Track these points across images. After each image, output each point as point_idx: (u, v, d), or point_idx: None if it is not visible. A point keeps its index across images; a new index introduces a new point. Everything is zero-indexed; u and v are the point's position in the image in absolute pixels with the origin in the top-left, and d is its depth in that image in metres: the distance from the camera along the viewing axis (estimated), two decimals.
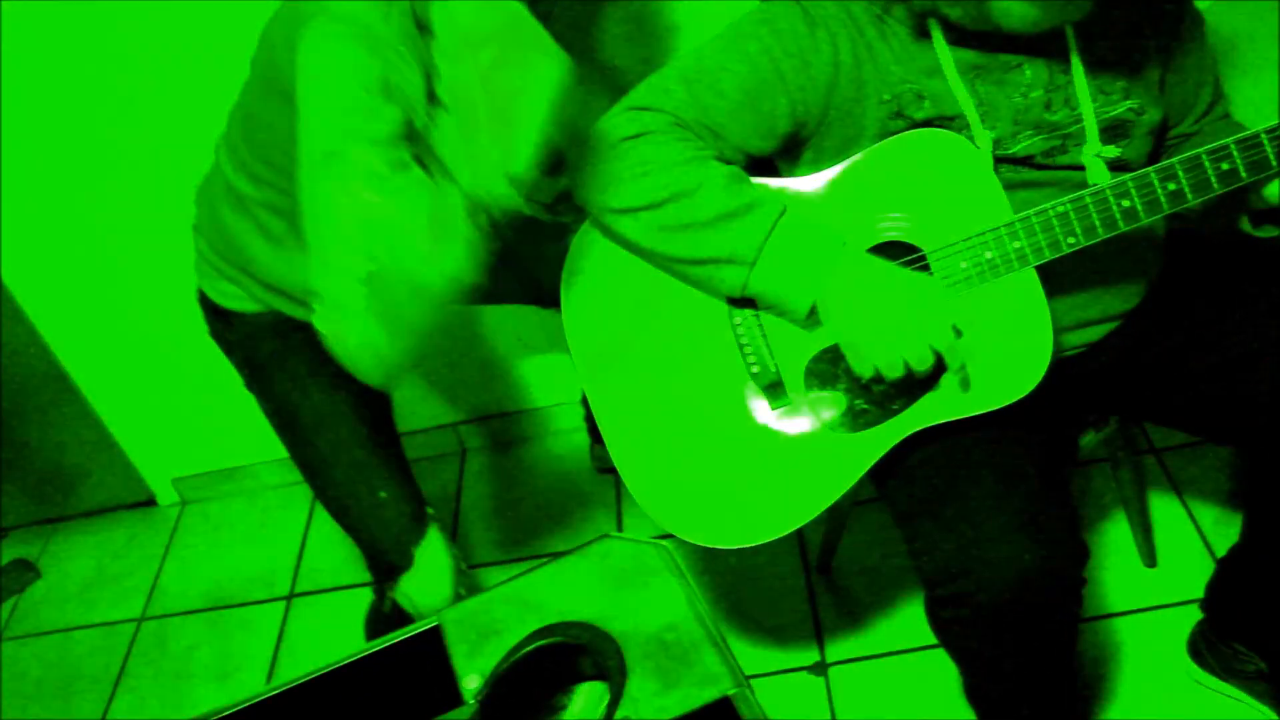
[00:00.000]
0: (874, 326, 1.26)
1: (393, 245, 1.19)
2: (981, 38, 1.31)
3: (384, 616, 1.69)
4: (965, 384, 1.32)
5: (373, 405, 1.63)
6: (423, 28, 1.32)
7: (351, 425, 1.58)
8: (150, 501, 2.70)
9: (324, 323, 1.21)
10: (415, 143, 1.27)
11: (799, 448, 1.38)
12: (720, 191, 1.31)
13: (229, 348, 1.66)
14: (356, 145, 1.19)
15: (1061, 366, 1.43)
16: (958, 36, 1.31)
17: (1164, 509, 2.01)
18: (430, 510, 1.61)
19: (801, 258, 1.29)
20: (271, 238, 1.50)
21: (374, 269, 1.18)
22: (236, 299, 1.60)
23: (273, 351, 1.60)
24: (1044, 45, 1.32)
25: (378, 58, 1.23)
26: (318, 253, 1.21)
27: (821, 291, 1.29)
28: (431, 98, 1.30)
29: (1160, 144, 1.45)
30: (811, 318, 1.32)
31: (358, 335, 1.20)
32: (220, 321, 1.64)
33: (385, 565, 1.60)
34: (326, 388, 1.58)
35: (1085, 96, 1.33)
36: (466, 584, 1.63)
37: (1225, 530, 1.92)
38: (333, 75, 1.23)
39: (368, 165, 1.19)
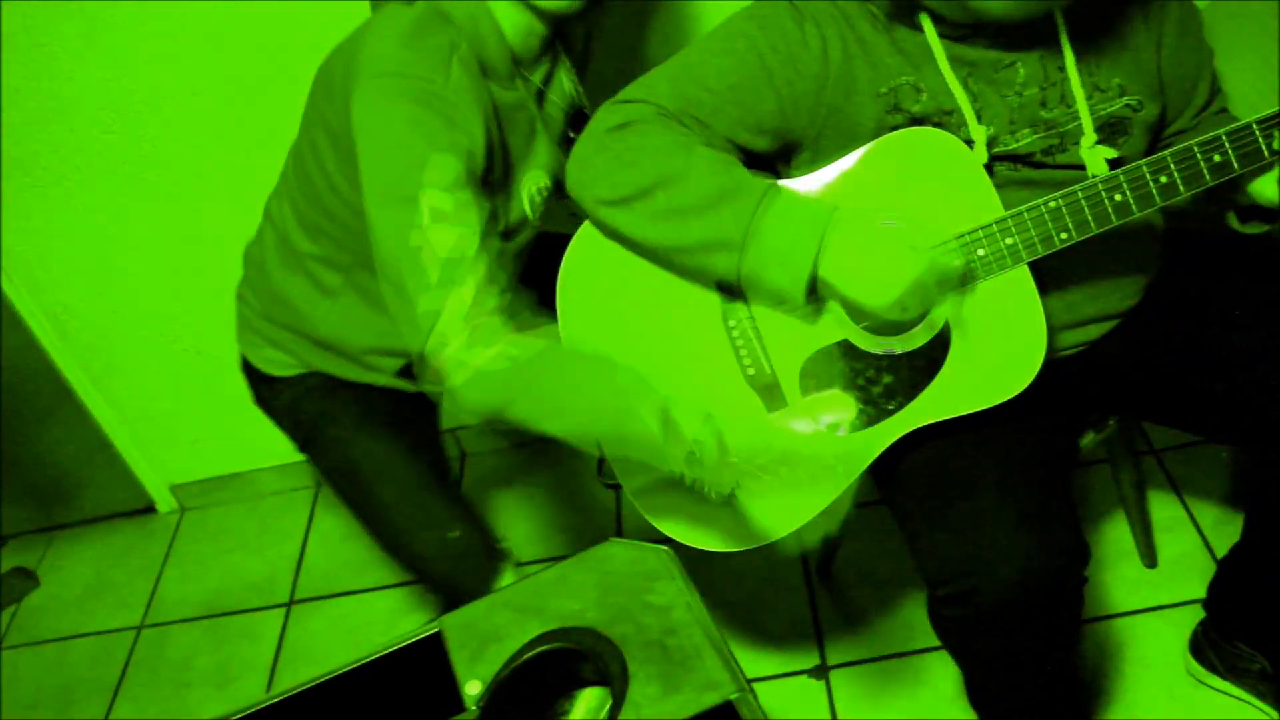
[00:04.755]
0: (885, 278, 1.24)
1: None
2: (973, 34, 1.31)
3: None
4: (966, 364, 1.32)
5: (427, 448, 1.64)
6: (486, 71, 1.34)
7: (411, 470, 1.58)
8: (149, 509, 2.69)
9: (432, 358, 1.26)
10: (476, 188, 1.31)
11: (796, 450, 1.37)
12: (707, 175, 1.30)
13: (276, 414, 1.67)
14: (421, 190, 1.24)
15: (1060, 365, 1.43)
16: (948, 31, 1.31)
17: (1164, 509, 2.01)
18: (501, 544, 1.59)
19: (793, 233, 1.27)
20: (326, 291, 1.53)
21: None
22: (281, 365, 1.61)
23: (320, 411, 1.61)
24: (1037, 43, 1.32)
25: (433, 111, 1.27)
26: (401, 296, 1.27)
27: (821, 263, 1.27)
28: (494, 141, 1.36)
29: (1157, 140, 1.45)
30: (811, 300, 1.31)
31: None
32: (265, 388, 1.65)
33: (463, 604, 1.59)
34: (379, 437, 1.58)
35: (1080, 93, 1.33)
36: None
37: (1225, 530, 1.92)
38: (390, 131, 1.27)
39: (435, 207, 1.24)
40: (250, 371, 1.66)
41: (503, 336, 1.27)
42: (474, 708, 0.95)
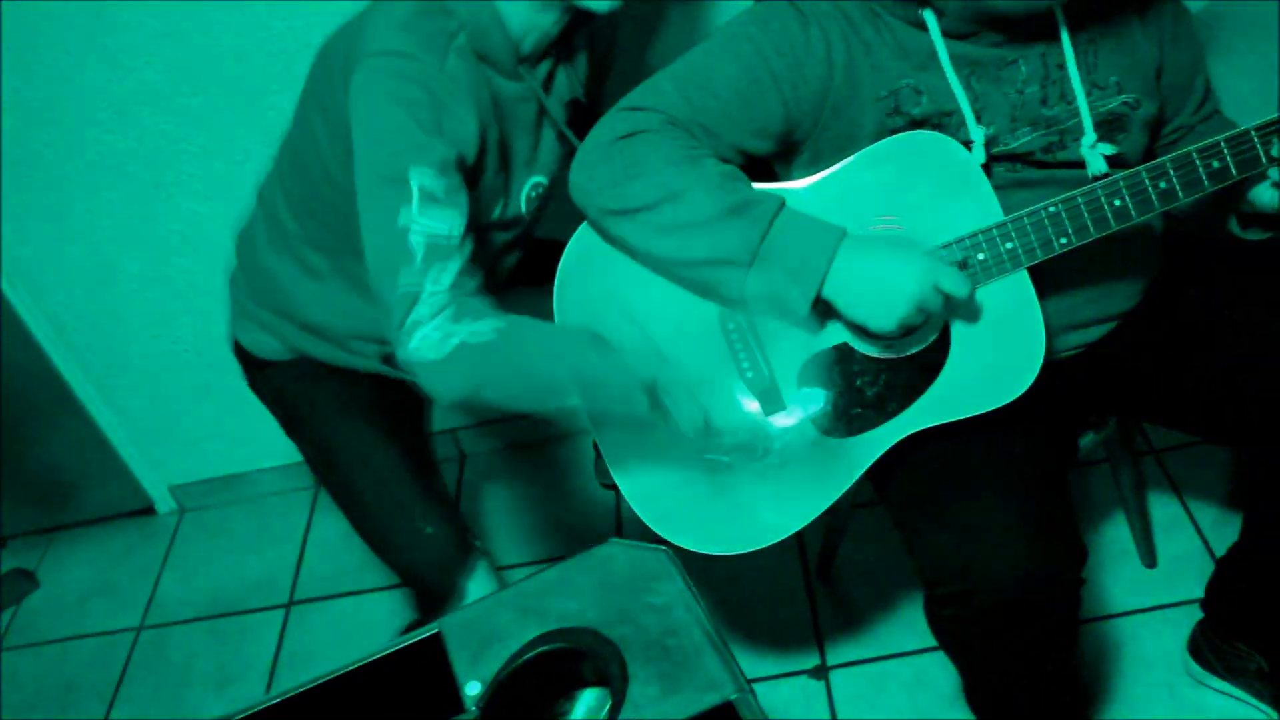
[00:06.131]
0: (890, 301, 1.25)
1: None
2: (976, 32, 1.31)
3: None
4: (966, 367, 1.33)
5: (409, 437, 1.65)
6: (483, 59, 1.35)
7: (390, 460, 1.59)
8: (149, 510, 2.69)
9: (406, 343, 1.27)
10: (464, 176, 1.33)
11: (795, 453, 1.38)
12: (715, 191, 1.30)
13: (264, 398, 1.69)
14: (413, 171, 1.26)
15: (1060, 367, 1.43)
16: (952, 28, 1.31)
17: (1163, 509, 2.01)
18: (476, 541, 1.60)
19: (799, 254, 1.28)
20: (312, 274, 1.53)
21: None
22: (270, 348, 1.63)
23: (304, 396, 1.63)
24: (1038, 40, 1.33)
25: (428, 96, 1.29)
26: (384, 273, 1.28)
27: (826, 284, 1.27)
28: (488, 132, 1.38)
29: (1157, 137, 1.45)
30: (813, 314, 1.31)
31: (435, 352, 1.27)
32: (255, 371, 1.67)
33: (432, 598, 1.59)
34: (361, 424, 1.60)
35: (1079, 89, 1.33)
36: None
37: (1225, 530, 1.92)
38: (385, 113, 1.29)
39: (426, 188, 1.26)
40: (242, 355, 1.68)
41: (486, 314, 1.28)
42: (474, 708, 0.95)
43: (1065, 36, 1.32)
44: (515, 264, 1.60)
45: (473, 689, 0.96)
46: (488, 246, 1.50)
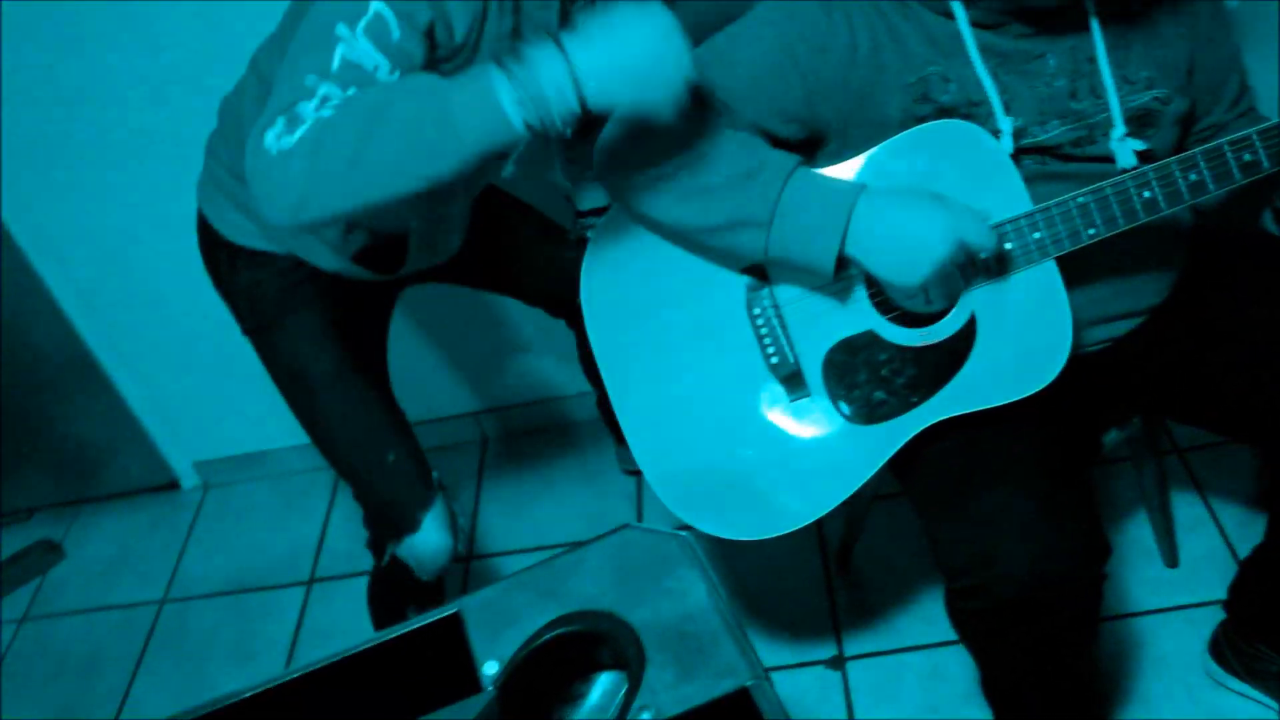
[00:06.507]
0: (912, 254, 1.25)
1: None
2: (1005, 22, 1.30)
3: (383, 572, 1.70)
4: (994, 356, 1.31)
5: (376, 366, 1.63)
6: None
7: (361, 387, 1.57)
8: (173, 485, 2.72)
9: (258, 137, 1.12)
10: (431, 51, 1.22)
11: (817, 439, 1.37)
12: (730, 154, 1.31)
13: (231, 290, 1.58)
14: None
15: (1084, 362, 1.42)
16: (981, 19, 1.31)
17: (1187, 509, 2.00)
18: (435, 474, 1.60)
19: (818, 209, 1.27)
20: None
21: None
22: (246, 233, 1.51)
23: (283, 301, 1.54)
24: (1068, 33, 1.31)
25: None
26: (290, 63, 1.15)
27: (848, 238, 1.27)
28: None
29: (1186, 135, 1.43)
30: (842, 273, 1.31)
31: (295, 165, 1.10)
32: (223, 256, 1.55)
33: (390, 527, 1.59)
34: (332, 345, 1.55)
35: (1110, 84, 1.32)
36: (466, 542, 1.61)
37: (1248, 531, 1.90)
38: None
39: (380, 15, 1.15)
40: (208, 234, 1.56)
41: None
42: (491, 688, 0.95)
43: (1097, 30, 1.31)
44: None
45: (490, 668, 0.96)
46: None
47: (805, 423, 1.38)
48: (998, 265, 1.31)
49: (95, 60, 2.01)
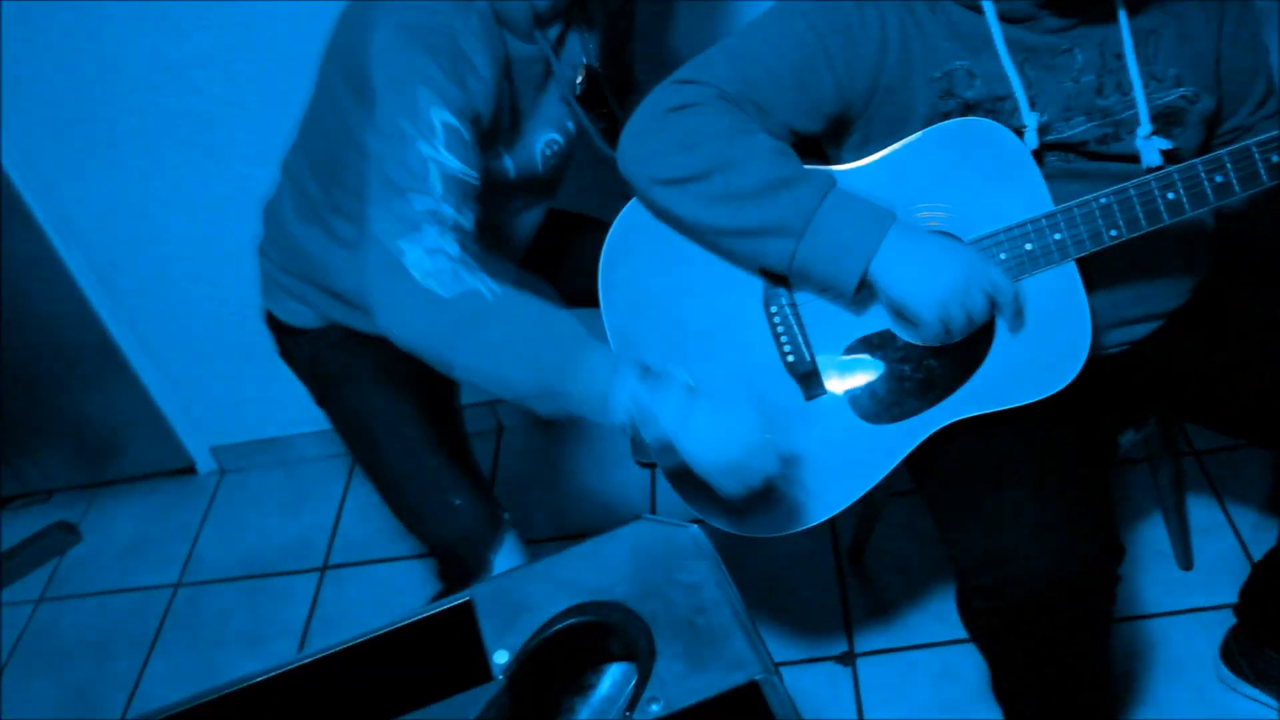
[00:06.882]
0: (935, 283, 1.25)
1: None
2: (1034, 16, 1.30)
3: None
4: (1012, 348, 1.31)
5: (440, 408, 1.64)
6: (502, 21, 1.35)
7: (420, 431, 1.58)
8: (190, 469, 2.73)
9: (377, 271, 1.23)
10: (479, 137, 1.32)
11: (833, 438, 1.37)
12: (767, 162, 1.30)
13: (298, 367, 1.69)
14: (435, 111, 1.24)
15: (1103, 363, 1.42)
16: (1010, 11, 1.30)
17: (1202, 512, 1.99)
18: (506, 515, 1.59)
19: (852, 228, 1.28)
20: (341, 242, 1.53)
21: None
22: (302, 316, 1.63)
23: (338, 364, 1.62)
24: (1096, 29, 1.31)
25: (451, 49, 1.28)
26: (392, 190, 1.24)
27: (875, 261, 1.27)
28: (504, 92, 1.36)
29: (1213, 134, 1.42)
30: (861, 292, 1.31)
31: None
32: (288, 340, 1.67)
33: (459, 572, 1.58)
34: (392, 394, 1.59)
35: (1137, 80, 1.31)
36: None
37: (1264, 535, 1.90)
38: (409, 58, 1.27)
39: (450, 127, 1.25)
40: (274, 325, 1.68)
41: (483, 275, 1.24)
42: (501, 677, 0.95)
43: (1125, 26, 1.31)
44: (534, 230, 1.60)
45: (501, 658, 0.97)
46: (505, 208, 1.49)
47: (820, 421, 1.38)
48: (1018, 267, 1.31)
49: (120, 45, 2.02)
